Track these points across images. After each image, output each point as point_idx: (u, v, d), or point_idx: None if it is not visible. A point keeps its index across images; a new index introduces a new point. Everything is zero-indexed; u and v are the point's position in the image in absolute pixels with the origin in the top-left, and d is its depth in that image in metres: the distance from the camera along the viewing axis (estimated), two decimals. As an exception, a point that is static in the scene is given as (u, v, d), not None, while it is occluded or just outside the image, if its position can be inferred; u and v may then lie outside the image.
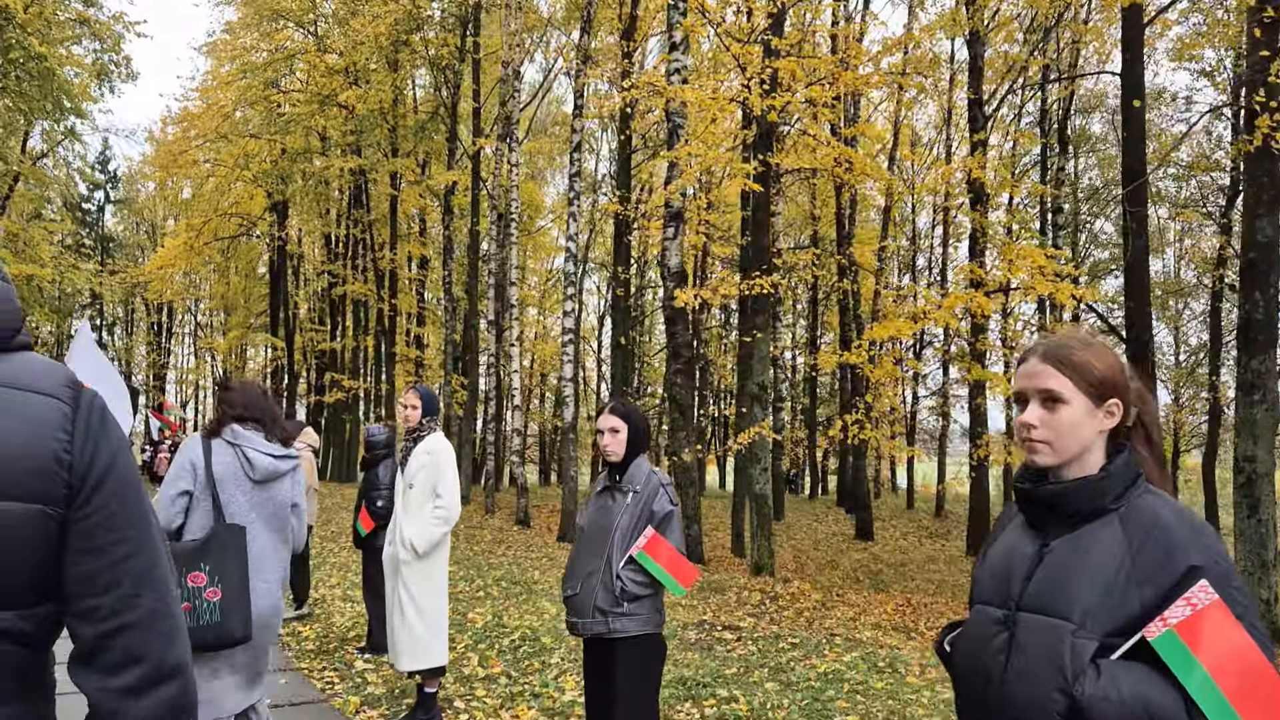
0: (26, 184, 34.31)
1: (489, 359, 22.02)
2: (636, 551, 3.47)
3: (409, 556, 4.92)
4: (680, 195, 14.58)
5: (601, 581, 3.51)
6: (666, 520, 3.60)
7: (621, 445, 3.65)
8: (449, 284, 24.85)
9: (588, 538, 3.68)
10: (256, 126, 31.97)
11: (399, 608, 4.94)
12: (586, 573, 3.58)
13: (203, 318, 58.14)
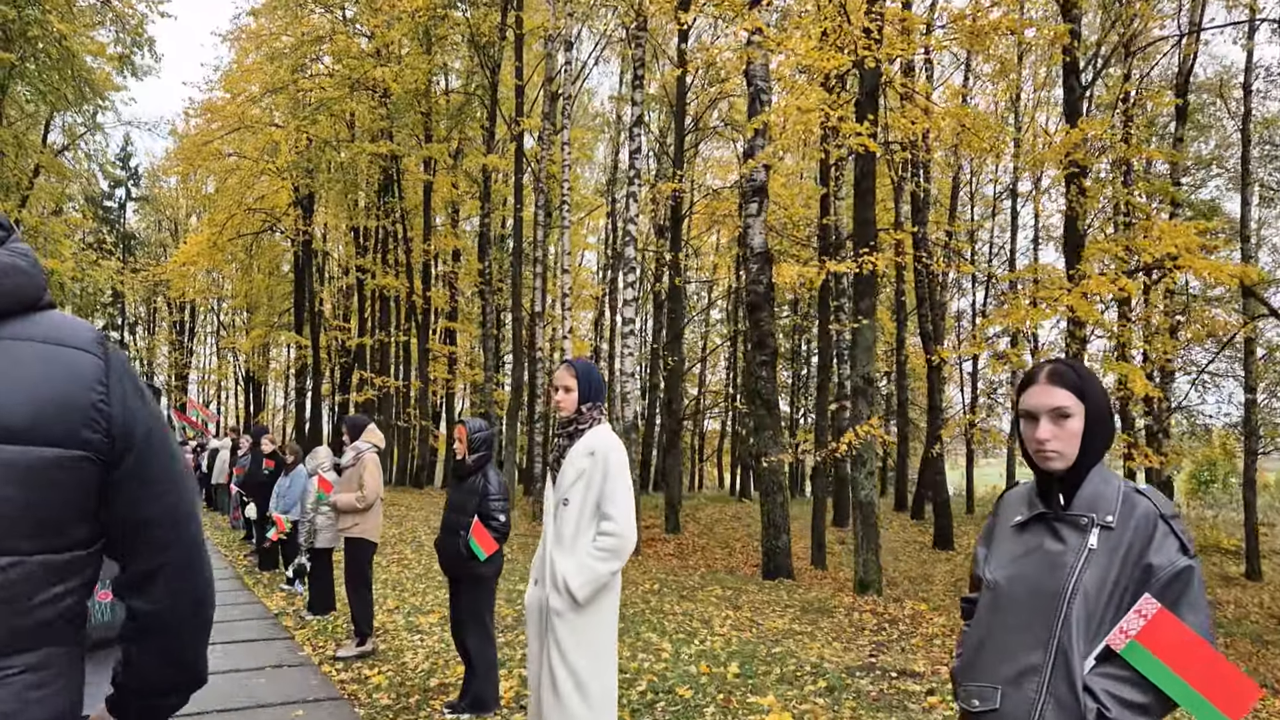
0: (47, 177, 33.17)
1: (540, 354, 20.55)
2: (1128, 641, 1.90)
3: (566, 606, 3.45)
4: (762, 168, 13.14)
5: (1051, 693, 1.90)
6: (1182, 586, 1.87)
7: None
8: (489, 275, 23.43)
9: (1012, 601, 2.02)
10: (282, 116, 30.75)
11: (550, 681, 3.46)
12: (1016, 672, 1.96)
13: (225, 317, 57.13)
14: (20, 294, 1.26)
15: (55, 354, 1.24)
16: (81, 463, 1.23)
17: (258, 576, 10.90)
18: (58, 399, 1.22)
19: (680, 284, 19.25)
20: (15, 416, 1.18)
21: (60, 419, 1.21)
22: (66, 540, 1.25)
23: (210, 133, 31.59)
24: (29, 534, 1.20)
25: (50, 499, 1.21)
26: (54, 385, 1.22)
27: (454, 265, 31.20)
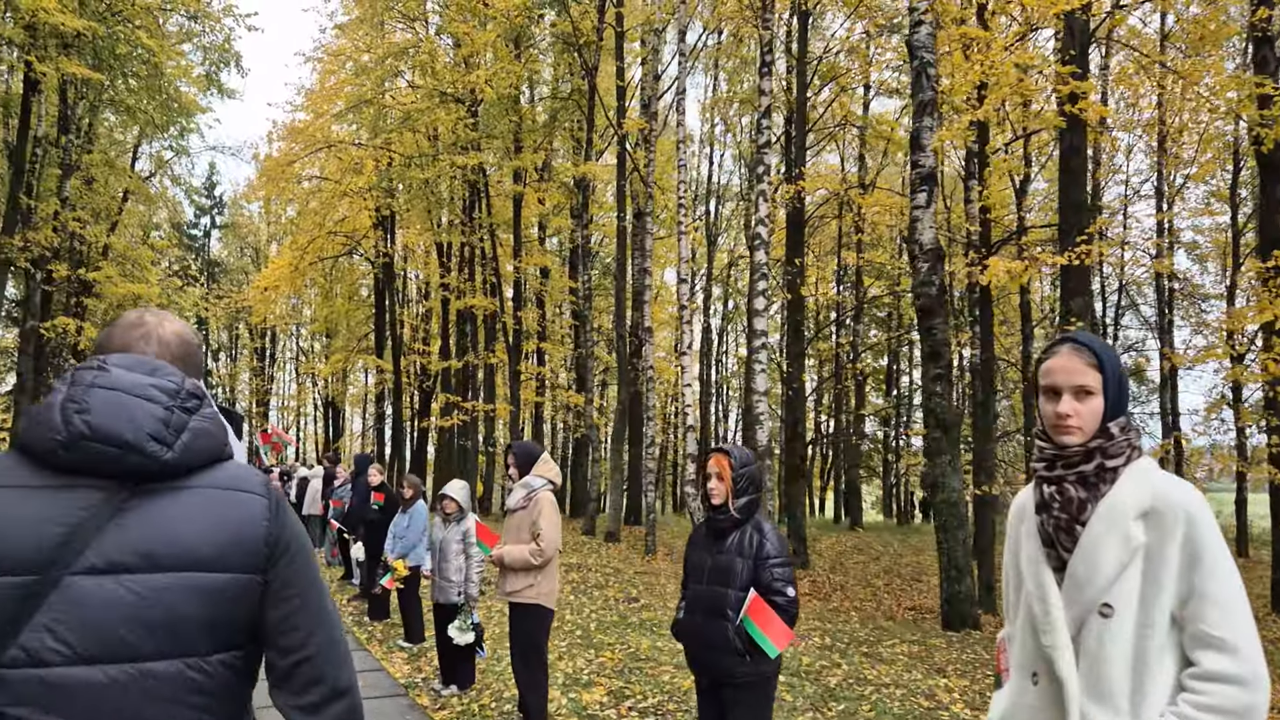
0: (135, 203, 32.90)
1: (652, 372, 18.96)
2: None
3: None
4: (930, 153, 11.40)
5: None
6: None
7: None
8: (588, 291, 21.97)
9: None
10: (365, 135, 29.95)
11: None
12: None
13: (304, 342, 57.01)
14: (209, 452, 1.55)
15: (235, 498, 1.53)
16: (245, 583, 1.51)
17: (369, 629, 9.41)
18: (238, 534, 1.51)
19: (804, 295, 17.49)
20: (204, 547, 1.47)
21: (237, 547, 1.50)
22: (235, 642, 1.51)
23: (293, 154, 30.94)
24: (212, 640, 1.48)
25: (224, 612, 1.49)
26: (234, 523, 1.51)
27: (542, 283, 29.91)
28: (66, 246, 26.26)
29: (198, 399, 1.55)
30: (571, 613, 10.46)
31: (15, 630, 1.38)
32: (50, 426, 1.45)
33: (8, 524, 1.41)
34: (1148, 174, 25.32)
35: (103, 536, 1.43)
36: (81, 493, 1.44)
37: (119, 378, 1.49)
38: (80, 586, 1.40)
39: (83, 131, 25.95)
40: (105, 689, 1.40)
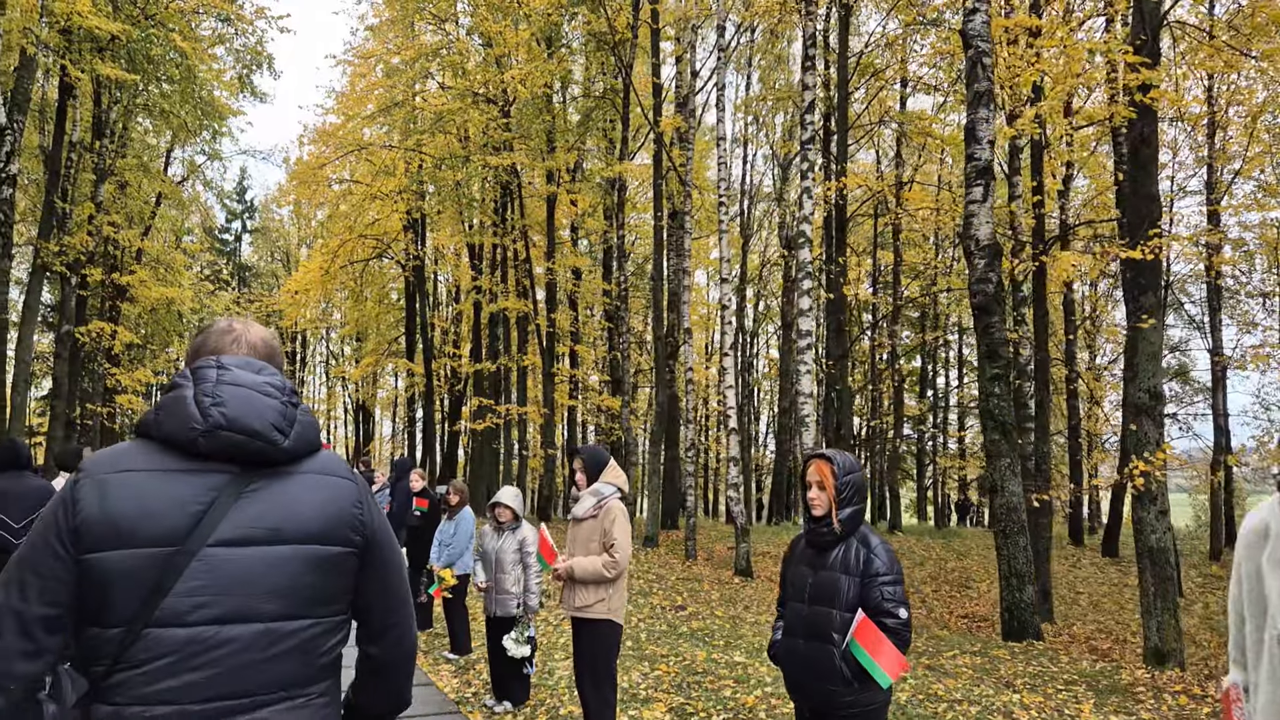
0: (167, 206, 32.99)
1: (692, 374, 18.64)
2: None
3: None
4: (987, 144, 11.02)
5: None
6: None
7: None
8: (624, 291, 21.67)
9: None
10: (397, 137, 29.85)
11: None
12: None
13: (334, 346, 57.16)
14: (311, 442, 1.78)
15: (335, 484, 1.79)
16: (347, 555, 1.77)
17: (413, 639, 9.13)
18: (337, 512, 1.76)
19: (847, 294, 17.11)
20: (314, 523, 1.72)
21: (340, 523, 1.76)
22: (338, 608, 1.77)
23: (324, 158, 30.89)
24: (322, 603, 1.73)
25: (332, 579, 1.75)
26: (334, 503, 1.77)
27: (575, 284, 29.66)
28: (101, 251, 26.32)
29: (296, 395, 1.77)
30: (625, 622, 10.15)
31: (161, 593, 1.59)
32: (189, 418, 1.65)
33: (153, 503, 1.61)
34: (1194, 168, 24.73)
35: (233, 513, 1.64)
36: (213, 476, 1.66)
37: (240, 376, 1.69)
38: (215, 556, 1.62)
39: (116, 136, 25.99)
40: (236, 645, 1.61)
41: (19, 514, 5.61)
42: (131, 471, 1.65)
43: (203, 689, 1.60)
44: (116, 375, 28.16)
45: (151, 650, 1.58)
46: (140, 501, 1.62)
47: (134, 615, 1.59)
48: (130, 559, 1.59)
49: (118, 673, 1.59)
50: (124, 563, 1.59)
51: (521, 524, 6.65)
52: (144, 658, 1.58)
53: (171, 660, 1.59)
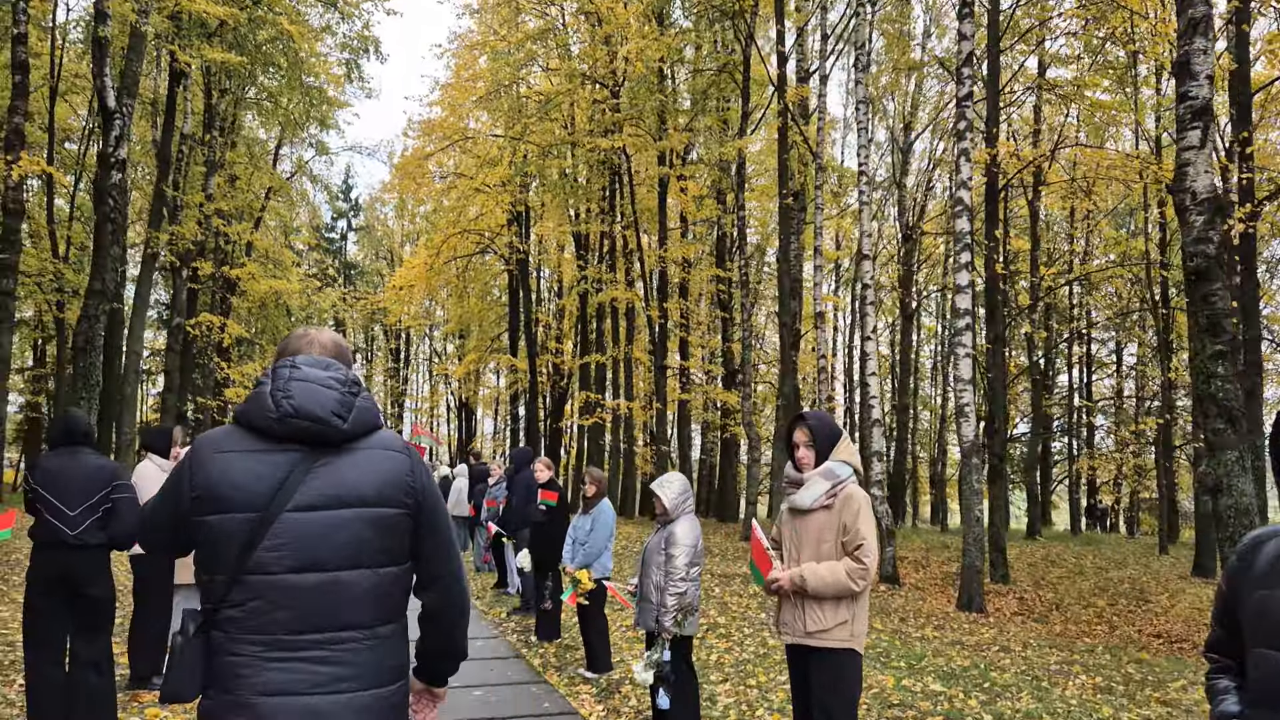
0: (276, 200, 33.01)
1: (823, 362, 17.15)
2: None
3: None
4: (1205, 81, 9.33)
5: None
6: None
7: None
8: (745, 278, 20.28)
9: None
10: (501, 127, 29.12)
11: None
12: None
13: (437, 344, 57.15)
14: (368, 424, 2.14)
15: (389, 457, 2.13)
16: (401, 516, 2.11)
17: (540, 652, 7.95)
18: (390, 481, 2.10)
19: (1002, 274, 15.38)
20: (370, 491, 2.06)
21: (393, 490, 2.10)
22: (400, 559, 2.13)
23: (428, 150, 30.38)
24: (383, 557, 2.08)
25: (389, 537, 2.09)
26: (388, 473, 2.11)
27: (685, 273, 28.39)
28: (211, 245, 26.24)
29: (358, 385, 2.17)
30: (773, 637, 8.79)
31: (250, 549, 1.98)
32: (266, 408, 2.06)
33: (242, 476, 2.02)
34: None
35: (304, 485, 2.03)
36: (287, 454, 2.06)
37: (308, 373, 2.10)
38: (291, 519, 2.00)
39: (226, 129, 25.83)
40: (310, 589, 1.99)
41: (75, 499, 4.62)
42: (228, 452, 2.05)
43: (288, 624, 1.99)
44: (226, 369, 28.09)
45: (247, 593, 1.98)
46: (234, 476, 2.02)
47: (233, 566, 1.99)
48: (229, 522, 2.00)
49: (224, 610, 2.00)
50: (225, 525, 2.00)
51: (681, 518, 5.39)
52: (242, 599, 1.98)
53: (262, 601, 1.98)
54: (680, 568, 5.20)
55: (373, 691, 2.04)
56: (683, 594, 5.20)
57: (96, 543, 4.63)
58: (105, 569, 4.72)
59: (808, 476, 3.58)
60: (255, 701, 1.96)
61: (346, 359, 2.26)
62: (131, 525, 4.70)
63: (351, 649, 2.02)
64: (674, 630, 5.22)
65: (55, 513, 4.54)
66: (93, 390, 16.84)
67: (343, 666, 2.01)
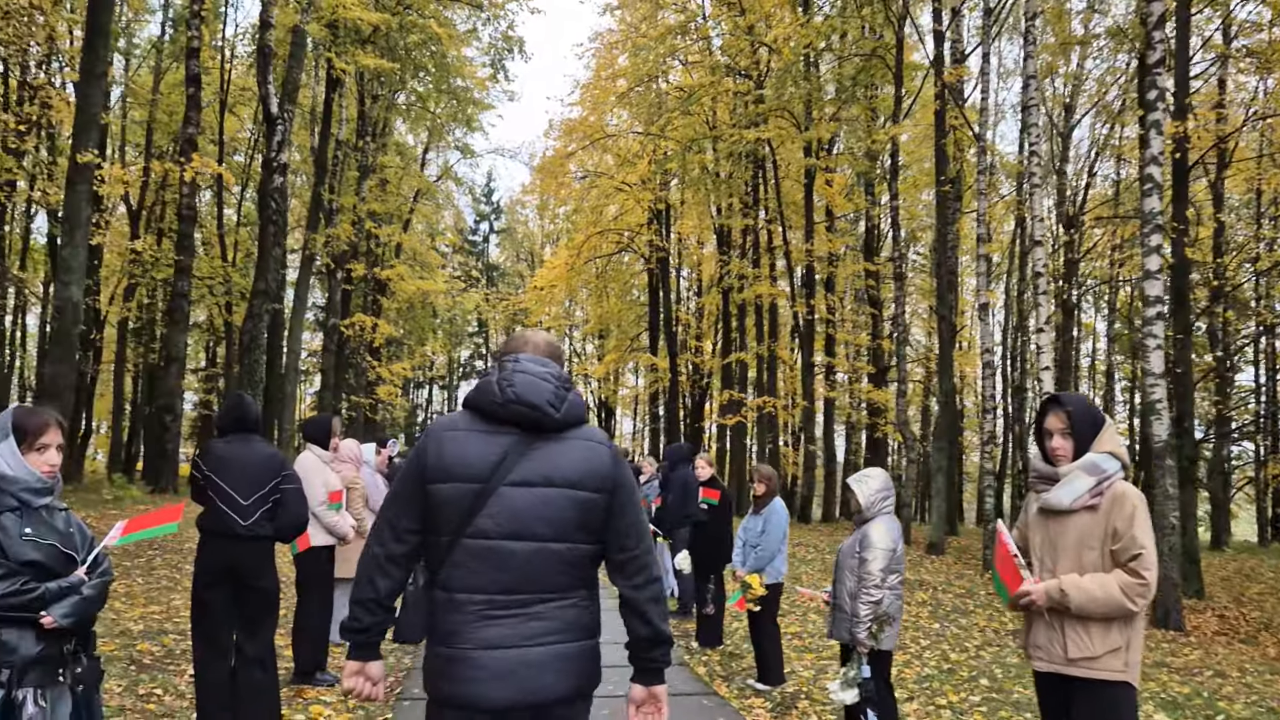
0: (424, 201, 33.90)
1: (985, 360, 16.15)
2: None
3: None
4: None
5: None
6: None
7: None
8: (899, 270, 19.36)
9: None
10: (642, 124, 28.93)
11: None
12: None
13: (576, 344, 57.68)
14: (577, 416, 2.40)
15: (593, 447, 2.39)
16: (599, 499, 2.35)
17: (703, 659, 7.53)
18: (594, 468, 2.36)
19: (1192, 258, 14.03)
20: (575, 474, 2.33)
21: (595, 475, 2.35)
22: (593, 537, 2.38)
23: (568, 150, 30.51)
24: (582, 533, 2.35)
25: (588, 516, 2.34)
26: (592, 460, 2.36)
27: (831, 268, 27.50)
28: (363, 249, 27.04)
29: (569, 382, 2.44)
30: (955, 650, 8.10)
31: (472, 516, 2.29)
32: (492, 394, 2.36)
33: (469, 452, 2.32)
34: None
35: (519, 464, 2.31)
36: (506, 437, 2.34)
37: (528, 367, 2.37)
38: (507, 492, 2.29)
39: (377, 135, 26.57)
40: (520, 554, 2.28)
41: (248, 488, 4.44)
42: (457, 431, 2.36)
43: (500, 583, 2.28)
44: (377, 369, 28.91)
45: (466, 554, 2.29)
46: (462, 451, 2.32)
47: (455, 529, 2.30)
48: (454, 490, 2.30)
49: (446, 569, 2.31)
50: (450, 492, 2.30)
51: (878, 517, 4.86)
52: (461, 559, 2.29)
53: (478, 562, 2.28)
54: (874, 574, 4.70)
55: (574, 644, 2.34)
56: (877, 603, 4.68)
57: (265, 534, 4.47)
58: (271, 561, 4.56)
59: (1065, 470, 3.00)
60: (475, 654, 2.26)
61: (559, 358, 2.51)
62: (298, 517, 4.55)
63: (557, 607, 2.31)
64: (869, 644, 4.71)
65: (228, 501, 4.39)
66: (256, 387, 17.47)
67: (548, 622, 2.30)
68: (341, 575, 6.90)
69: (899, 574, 4.78)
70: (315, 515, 5.88)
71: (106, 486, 18.10)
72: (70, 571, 2.81)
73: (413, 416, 51.59)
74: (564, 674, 2.30)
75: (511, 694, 2.26)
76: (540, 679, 2.27)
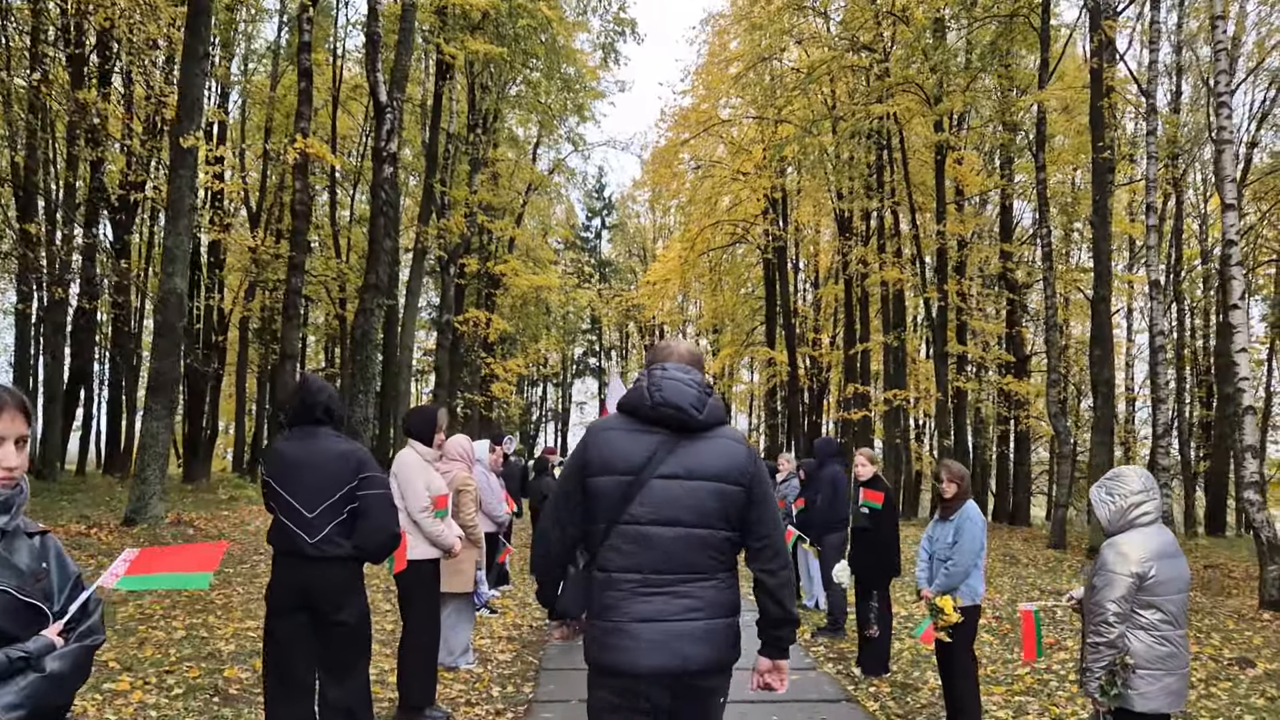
0: (536, 196, 33.44)
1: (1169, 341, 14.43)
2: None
3: None
4: None
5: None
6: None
7: None
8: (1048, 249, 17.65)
9: None
10: (758, 105, 27.72)
11: None
12: None
13: (690, 339, 56.65)
14: (718, 418, 2.68)
15: (732, 445, 2.67)
16: (739, 491, 2.62)
17: (872, 691, 6.37)
18: (734, 464, 2.62)
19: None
20: (717, 468, 2.60)
21: (734, 470, 2.62)
22: (732, 524, 2.64)
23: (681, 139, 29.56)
24: (723, 521, 2.61)
25: (728, 506, 2.61)
26: (732, 457, 2.64)
27: (961, 252, 25.72)
28: (476, 244, 26.65)
29: (710, 388, 2.70)
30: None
31: (626, 503, 2.58)
32: (642, 398, 2.65)
33: (623, 447, 2.62)
34: None
35: (668, 459, 2.60)
36: (655, 436, 2.63)
37: (673, 374, 2.67)
38: (656, 484, 2.58)
39: (489, 127, 26.10)
40: (669, 539, 2.57)
41: (314, 497, 3.51)
42: (612, 430, 2.67)
43: (652, 564, 2.56)
44: (491, 365, 28.49)
45: (622, 538, 2.59)
46: (616, 448, 2.62)
47: (611, 516, 2.60)
48: (610, 482, 2.59)
49: (604, 552, 2.62)
50: (607, 484, 2.60)
51: (1123, 530, 3.69)
52: (617, 542, 2.59)
53: (632, 545, 2.57)
54: (1105, 607, 3.55)
55: (718, 620, 2.62)
56: (1110, 646, 3.53)
57: (341, 554, 3.53)
58: (355, 588, 3.62)
59: None
60: (631, 627, 2.55)
61: (700, 365, 2.82)
62: (384, 531, 3.61)
63: (700, 587, 2.60)
64: (1104, 702, 3.55)
65: (290, 514, 3.51)
66: (370, 383, 17.01)
67: (695, 599, 2.58)
68: (451, 589, 6.05)
69: (1164, 612, 3.59)
70: (417, 523, 4.99)
71: (223, 485, 17.98)
72: (36, 630, 1.87)
73: (527, 414, 51.50)
74: (709, 646, 2.58)
75: (663, 662, 2.52)
76: (688, 649, 2.54)
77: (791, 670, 7.01)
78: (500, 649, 7.23)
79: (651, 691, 2.53)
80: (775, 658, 2.73)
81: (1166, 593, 3.64)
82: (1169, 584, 3.65)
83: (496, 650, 7.15)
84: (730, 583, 2.66)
